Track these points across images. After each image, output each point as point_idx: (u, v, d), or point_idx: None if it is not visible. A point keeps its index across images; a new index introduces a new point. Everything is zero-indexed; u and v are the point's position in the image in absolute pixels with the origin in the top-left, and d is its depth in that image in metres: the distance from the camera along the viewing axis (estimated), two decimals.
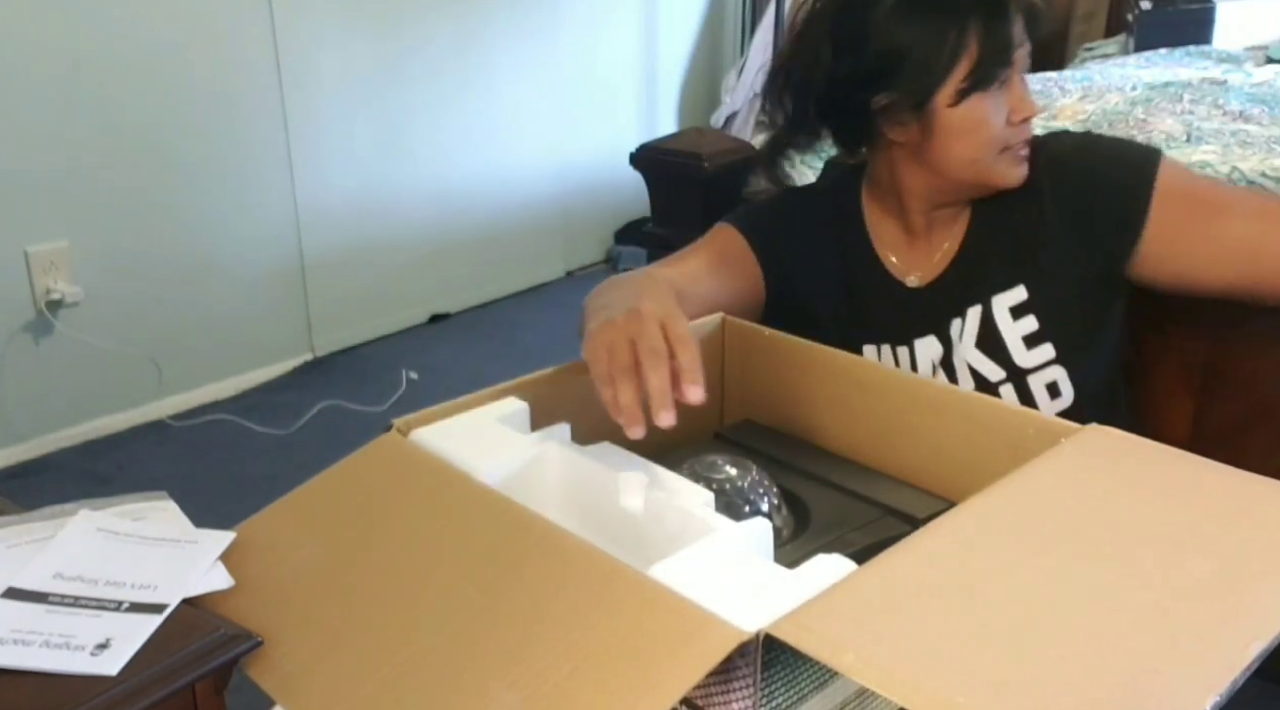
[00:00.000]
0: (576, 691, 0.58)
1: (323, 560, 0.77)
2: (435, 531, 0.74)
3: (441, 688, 0.62)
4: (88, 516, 0.94)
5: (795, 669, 0.61)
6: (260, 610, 0.76)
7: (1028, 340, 1.08)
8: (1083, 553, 0.67)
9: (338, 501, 0.82)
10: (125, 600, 0.82)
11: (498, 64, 3.22)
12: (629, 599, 0.62)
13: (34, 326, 2.34)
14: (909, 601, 0.61)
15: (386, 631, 0.68)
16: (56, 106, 2.28)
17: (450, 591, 0.69)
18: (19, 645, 0.77)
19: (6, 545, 0.89)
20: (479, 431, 0.84)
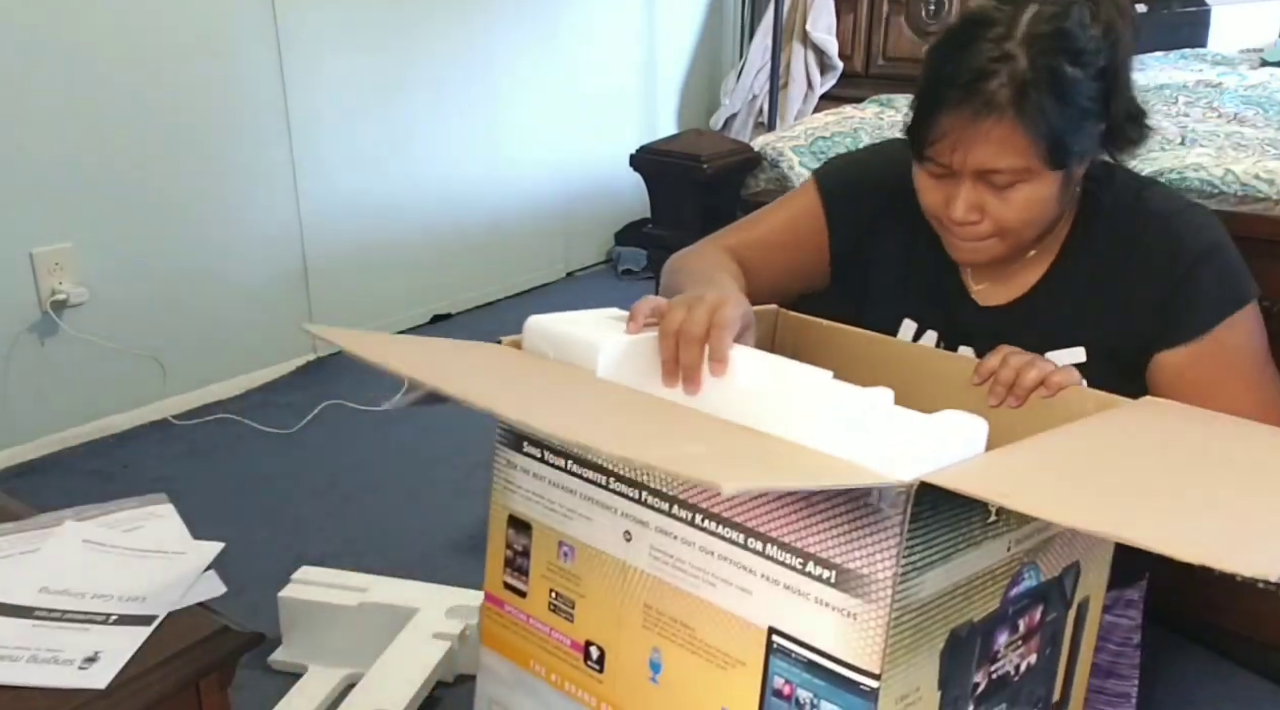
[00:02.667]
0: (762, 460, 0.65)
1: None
2: (579, 392, 0.80)
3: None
4: (74, 528, 0.93)
5: (932, 530, 0.65)
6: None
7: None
8: (1168, 452, 0.77)
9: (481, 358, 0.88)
10: (113, 613, 0.82)
11: (499, 67, 3.23)
12: (786, 450, 0.68)
13: (39, 327, 2.35)
14: (1042, 470, 0.69)
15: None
16: (61, 109, 2.29)
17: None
18: (5, 661, 0.77)
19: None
20: (592, 322, 0.88)
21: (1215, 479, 0.72)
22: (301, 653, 1.65)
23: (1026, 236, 1.06)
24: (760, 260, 1.18)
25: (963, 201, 1.02)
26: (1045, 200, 1.02)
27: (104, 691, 0.75)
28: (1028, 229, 1.04)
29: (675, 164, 1.62)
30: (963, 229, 1.04)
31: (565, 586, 0.81)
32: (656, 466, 0.57)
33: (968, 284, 1.15)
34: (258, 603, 1.68)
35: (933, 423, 0.70)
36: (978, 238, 1.04)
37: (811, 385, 0.78)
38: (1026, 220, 1.03)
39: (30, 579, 0.86)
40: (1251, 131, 1.70)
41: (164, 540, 0.93)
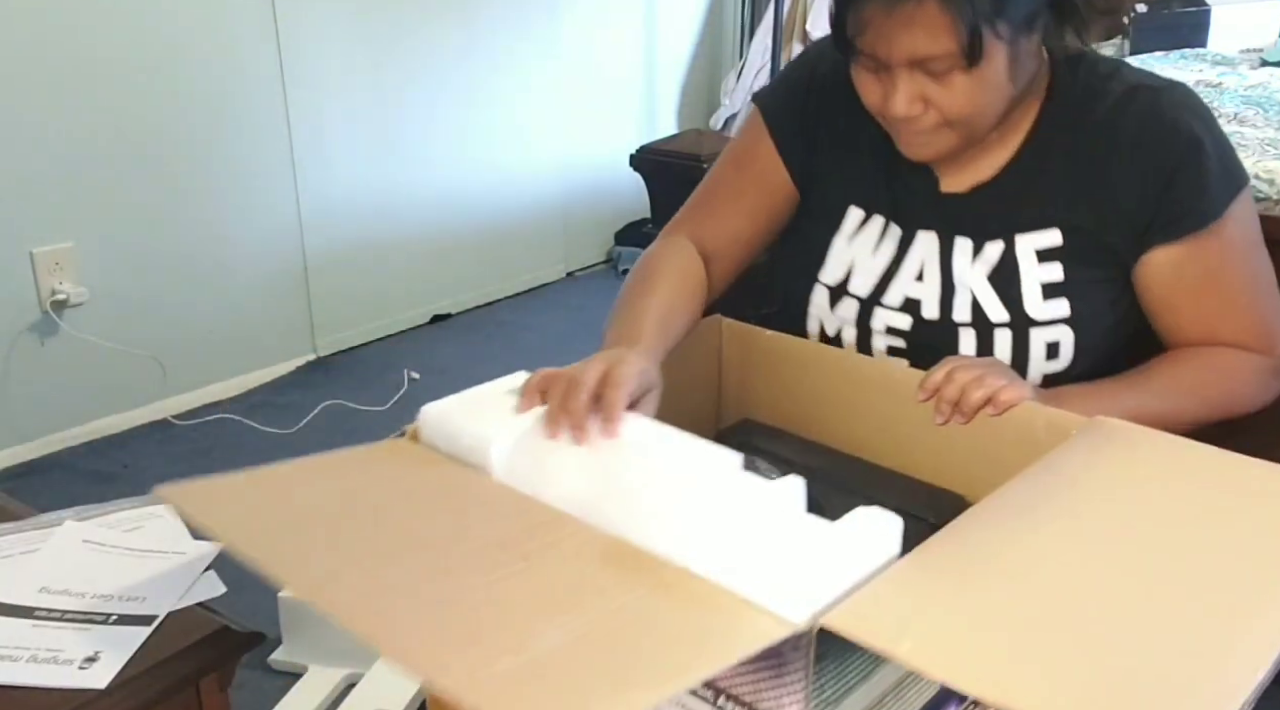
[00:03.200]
0: (624, 645, 0.57)
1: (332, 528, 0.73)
2: (451, 530, 0.72)
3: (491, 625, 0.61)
4: (74, 528, 0.93)
5: (845, 660, 0.61)
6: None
7: (1047, 289, 1.00)
8: (1115, 539, 0.68)
9: (340, 497, 0.79)
10: (113, 613, 0.82)
11: (499, 66, 3.23)
12: (673, 602, 0.61)
13: (39, 326, 2.35)
14: (957, 590, 0.62)
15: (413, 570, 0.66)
16: (61, 108, 2.29)
17: (479, 558, 0.67)
18: (5, 661, 0.77)
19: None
20: (492, 404, 0.82)
21: (1166, 588, 0.64)
22: (301, 653, 1.65)
23: (981, 124, 0.96)
24: (722, 224, 1.12)
25: (901, 95, 0.92)
26: (992, 83, 0.92)
27: (104, 691, 0.75)
28: (979, 116, 0.95)
29: (675, 163, 1.62)
30: (908, 124, 0.95)
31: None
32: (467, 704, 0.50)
33: (933, 170, 1.05)
34: (258, 603, 1.68)
35: (840, 532, 0.65)
36: (926, 131, 0.95)
37: (717, 481, 0.72)
38: (975, 106, 0.93)
39: (30, 579, 0.86)
40: (1251, 131, 1.70)
41: (164, 540, 0.93)
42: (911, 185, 1.05)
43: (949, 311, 1.02)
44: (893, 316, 1.04)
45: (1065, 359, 1.01)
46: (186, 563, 0.89)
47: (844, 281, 1.07)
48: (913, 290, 1.03)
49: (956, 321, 1.02)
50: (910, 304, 1.04)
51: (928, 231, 1.04)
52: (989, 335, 1.00)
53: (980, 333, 1.01)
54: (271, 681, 1.61)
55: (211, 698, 0.83)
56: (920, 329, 1.03)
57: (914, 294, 1.03)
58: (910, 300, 1.03)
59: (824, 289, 1.08)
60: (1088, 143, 0.99)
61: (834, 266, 1.08)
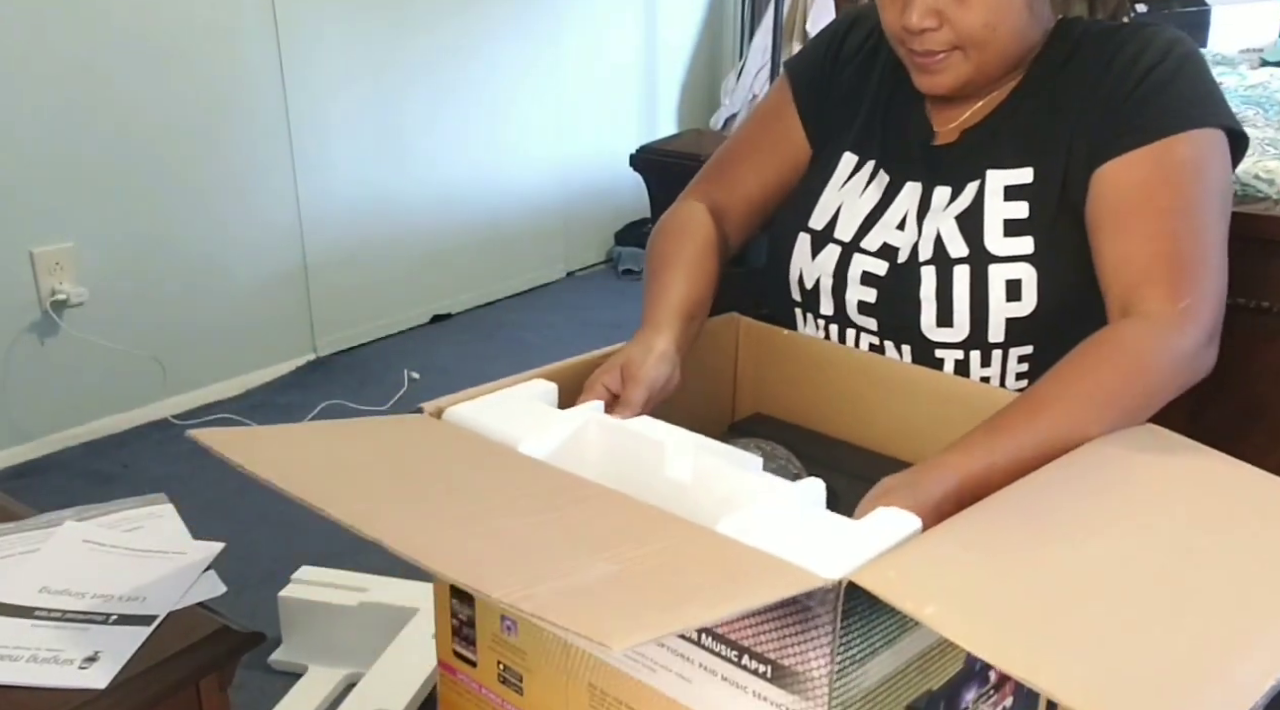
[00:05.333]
0: (663, 580, 0.59)
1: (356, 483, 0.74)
2: (488, 485, 0.74)
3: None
4: (74, 528, 0.93)
5: (870, 622, 0.62)
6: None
7: (1009, 225, 0.98)
8: (1142, 532, 0.69)
9: (378, 452, 0.80)
10: (113, 613, 0.82)
11: (499, 66, 3.23)
12: (707, 553, 0.63)
13: (39, 326, 2.35)
14: (982, 563, 0.63)
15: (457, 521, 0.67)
16: (61, 108, 2.29)
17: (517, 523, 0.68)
18: (5, 660, 0.77)
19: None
20: (515, 408, 0.83)
21: (1188, 574, 0.65)
22: (301, 653, 1.65)
23: (993, 51, 0.97)
24: (738, 182, 1.14)
25: (919, 6, 0.94)
26: (1009, 6, 0.94)
27: (104, 691, 0.75)
28: (993, 39, 0.96)
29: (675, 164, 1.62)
30: (923, 40, 0.96)
31: (511, 659, 0.78)
32: (544, 617, 0.51)
33: (929, 120, 1.07)
34: (258, 603, 1.68)
35: (862, 523, 0.67)
36: (939, 50, 0.96)
37: (740, 477, 0.74)
38: (989, 24, 0.94)
39: (30, 579, 0.86)
40: (1252, 131, 1.69)
41: (164, 540, 0.93)
42: (906, 135, 1.07)
43: (915, 254, 1.02)
44: (870, 262, 1.04)
45: (1029, 302, 0.97)
46: (186, 563, 0.89)
47: (830, 225, 1.07)
48: (893, 237, 1.03)
49: (920, 261, 1.01)
50: (887, 250, 1.03)
51: (914, 182, 1.05)
52: (948, 272, 0.99)
53: (940, 269, 0.99)
54: (271, 681, 1.61)
55: (211, 698, 0.83)
56: (891, 274, 1.03)
57: (893, 241, 1.03)
58: (888, 246, 1.03)
59: (807, 236, 1.08)
60: (1071, 83, 0.99)
61: (821, 212, 1.08)
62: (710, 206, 1.12)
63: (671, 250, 1.06)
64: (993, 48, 0.96)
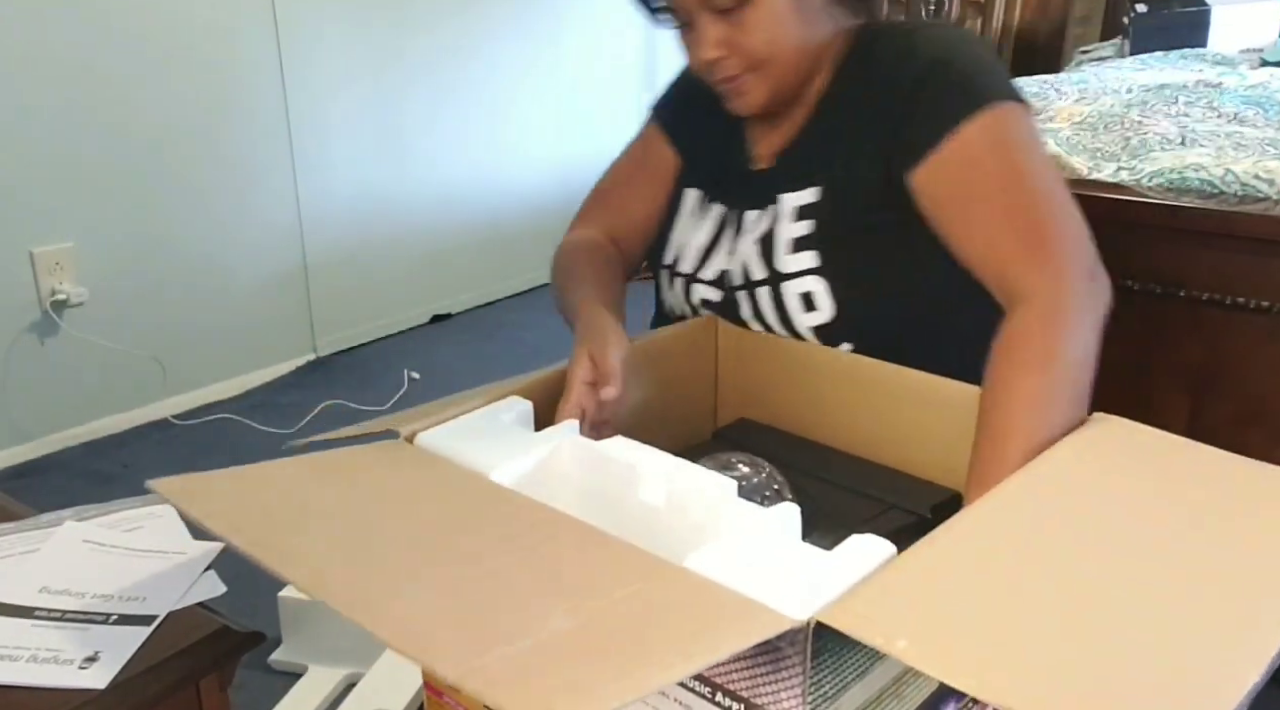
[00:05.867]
0: (625, 634, 0.58)
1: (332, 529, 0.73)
2: (453, 525, 0.72)
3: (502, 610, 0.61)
4: (74, 528, 0.93)
5: (841, 657, 0.61)
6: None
7: (796, 243, 1.04)
8: (1110, 540, 0.68)
9: (339, 493, 0.79)
10: (113, 613, 0.82)
11: (499, 66, 3.23)
12: (673, 597, 0.62)
13: (39, 326, 2.35)
14: (952, 588, 0.62)
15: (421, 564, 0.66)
16: (61, 108, 2.29)
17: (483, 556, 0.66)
18: (5, 660, 0.77)
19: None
20: (487, 431, 0.83)
21: (1161, 588, 0.63)
22: (301, 653, 1.65)
23: (781, 64, 1.03)
24: (622, 212, 1.26)
25: (705, 39, 1.03)
26: (780, 15, 1.01)
27: (104, 691, 0.75)
28: (778, 54, 1.02)
29: None
30: (720, 68, 1.04)
31: None
32: (485, 697, 0.50)
33: (751, 149, 1.14)
34: (257, 603, 1.68)
35: (836, 555, 0.65)
36: (736, 73, 1.04)
37: (714, 504, 0.73)
38: (769, 41, 1.01)
39: (30, 579, 0.86)
40: (1252, 131, 1.70)
41: (164, 540, 0.93)
42: (730, 164, 1.15)
43: (733, 280, 1.08)
44: (706, 290, 1.10)
45: (826, 310, 1.01)
46: (186, 563, 0.89)
47: (676, 260, 1.15)
48: (725, 263, 1.10)
49: (735, 285, 1.07)
50: (721, 276, 1.10)
51: (732, 209, 1.12)
52: (753, 295, 1.06)
53: (750, 293, 1.06)
54: (271, 681, 1.61)
55: (211, 698, 0.83)
56: (722, 300, 1.10)
57: (725, 266, 1.10)
58: (725, 272, 1.10)
59: (666, 272, 1.17)
60: (859, 100, 1.05)
61: (671, 248, 1.16)
62: (603, 231, 1.24)
63: (580, 264, 1.19)
64: (779, 62, 1.03)
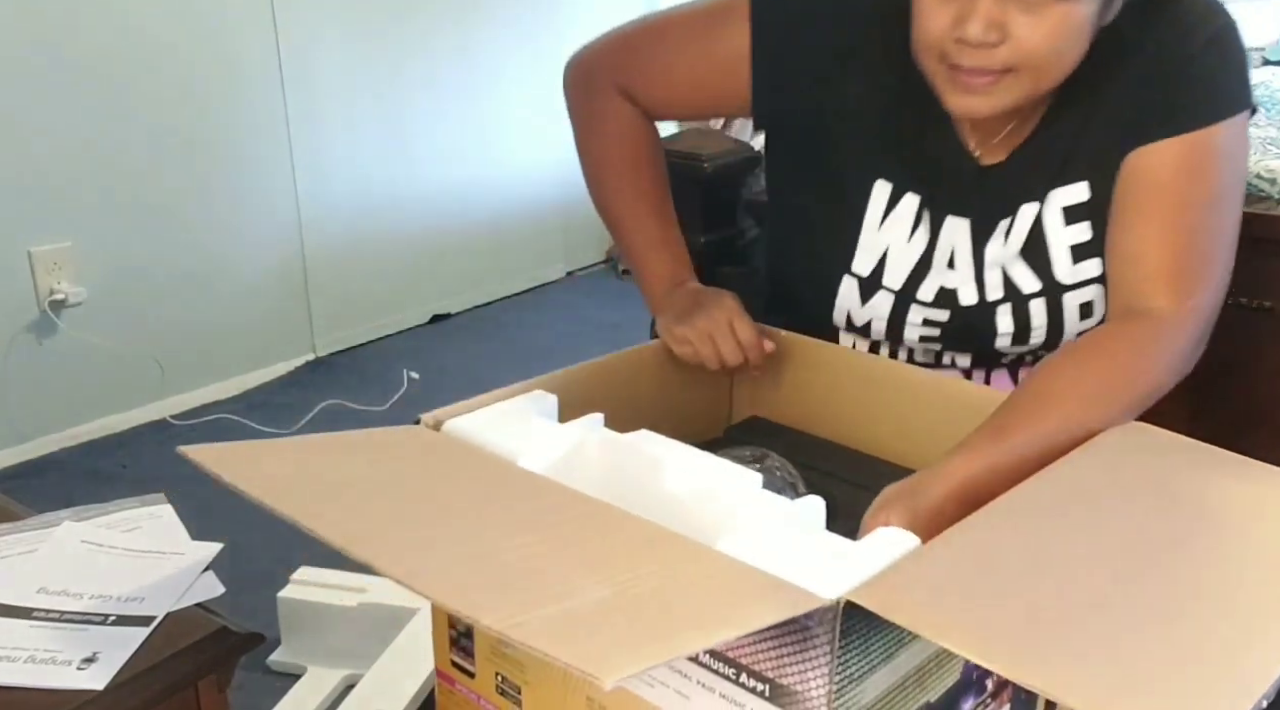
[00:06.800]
0: (659, 604, 0.58)
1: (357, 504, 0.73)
2: (483, 502, 0.73)
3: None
4: (72, 528, 0.93)
5: (868, 640, 0.62)
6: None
7: (1076, 251, 0.95)
8: (1137, 535, 0.69)
9: (369, 467, 0.78)
10: (112, 613, 0.82)
11: (499, 64, 3.23)
12: (703, 573, 0.62)
13: (37, 326, 2.35)
14: (979, 576, 0.63)
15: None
16: (60, 107, 2.29)
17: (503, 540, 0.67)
18: (4, 661, 0.77)
19: None
20: (513, 422, 0.83)
21: (1186, 578, 0.65)
22: (300, 653, 1.65)
23: (1047, 77, 0.87)
24: (671, 100, 1.14)
25: (982, 16, 0.83)
26: (1080, 27, 0.85)
27: (102, 692, 0.75)
28: (1053, 64, 0.86)
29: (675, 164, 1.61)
30: (975, 55, 0.85)
31: (510, 671, 0.77)
32: (533, 646, 0.51)
33: (964, 140, 0.97)
34: (256, 603, 1.68)
35: (861, 543, 0.67)
36: (989, 71, 0.86)
37: (739, 494, 0.74)
38: (1055, 50, 0.85)
39: (29, 579, 0.86)
40: (1253, 130, 1.69)
41: (163, 540, 0.93)
42: (943, 162, 0.98)
43: (984, 292, 0.98)
44: (929, 311, 1.00)
45: (1099, 314, 0.97)
46: (185, 563, 0.89)
47: (877, 273, 1.00)
48: (947, 279, 0.99)
49: (991, 300, 0.98)
50: (945, 295, 0.99)
51: (957, 217, 0.98)
52: (1024, 307, 0.97)
53: (1015, 306, 0.98)
54: (270, 682, 1.61)
55: (210, 698, 0.83)
56: (957, 315, 1.00)
57: (949, 283, 0.99)
58: (945, 291, 0.99)
59: (854, 280, 1.01)
60: (1111, 76, 0.92)
61: (865, 256, 1.00)
62: (624, 94, 1.16)
63: (631, 185, 1.18)
64: (1050, 69, 0.87)
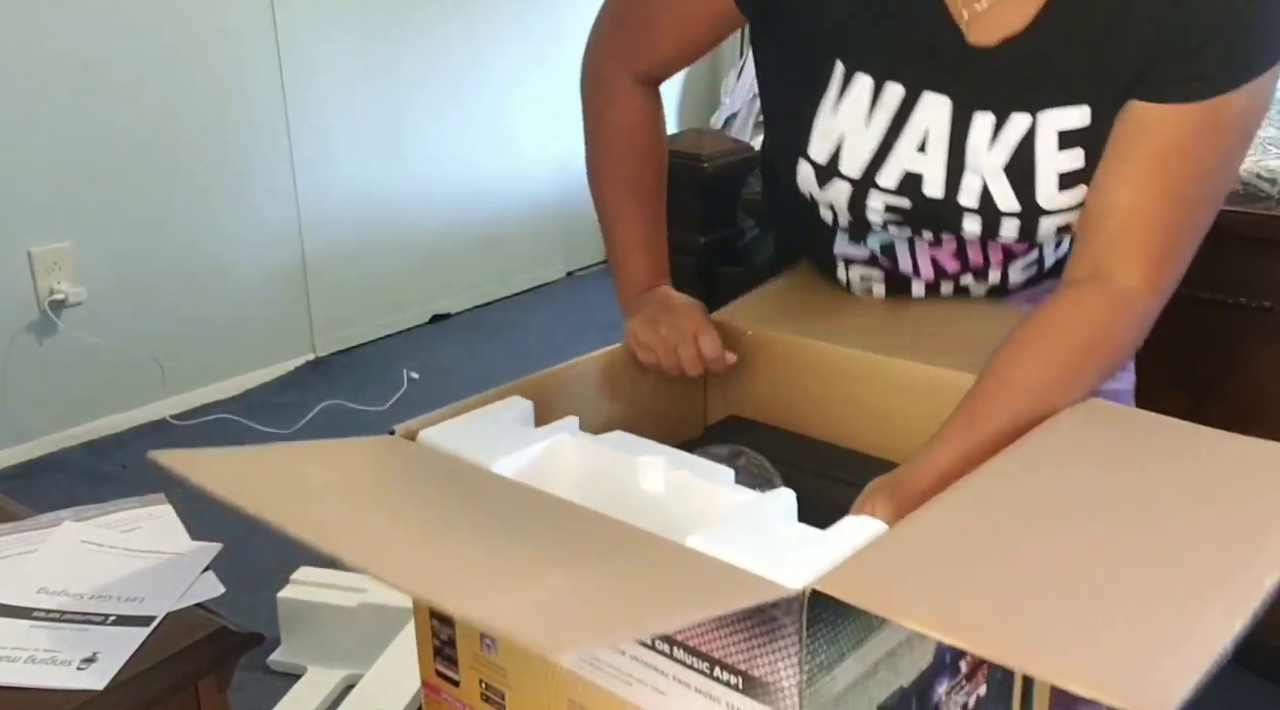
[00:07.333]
0: (627, 593, 0.59)
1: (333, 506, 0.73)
2: (454, 505, 0.73)
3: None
4: (72, 528, 0.93)
5: (837, 627, 0.62)
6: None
7: (1064, 179, 0.88)
8: (1095, 510, 0.69)
9: (341, 473, 0.79)
10: (111, 613, 0.82)
11: (499, 64, 3.23)
12: (669, 567, 0.63)
13: (37, 326, 2.35)
14: (943, 557, 0.64)
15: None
16: (60, 108, 2.29)
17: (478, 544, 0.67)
18: (4, 661, 0.77)
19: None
20: (487, 428, 0.84)
21: (1146, 551, 0.65)
22: (300, 653, 1.65)
23: None
24: (663, 55, 1.08)
25: None
26: None
27: (102, 692, 0.75)
28: None
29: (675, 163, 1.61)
30: None
31: (493, 677, 0.78)
32: (494, 626, 0.53)
33: (954, 11, 0.87)
34: (256, 603, 1.67)
35: (827, 532, 0.67)
36: None
37: (712, 491, 0.75)
38: None
39: (28, 579, 0.86)
40: None
41: (163, 540, 0.93)
42: (925, 32, 0.88)
43: (954, 192, 0.91)
44: (889, 199, 0.93)
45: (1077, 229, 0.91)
46: (185, 563, 0.89)
47: (834, 159, 0.93)
48: (913, 164, 0.91)
49: (963, 206, 0.91)
50: (910, 182, 0.92)
51: (938, 94, 0.89)
52: (995, 222, 0.91)
53: (986, 220, 0.91)
54: (270, 682, 1.61)
55: (210, 698, 0.83)
56: (921, 206, 0.93)
57: (915, 168, 0.91)
58: (910, 177, 0.91)
59: (809, 166, 0.95)
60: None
61: (819, 141, 0.93)
62: (642, 74, 1.14)
63: (624, 178, 1.20)
64: None
